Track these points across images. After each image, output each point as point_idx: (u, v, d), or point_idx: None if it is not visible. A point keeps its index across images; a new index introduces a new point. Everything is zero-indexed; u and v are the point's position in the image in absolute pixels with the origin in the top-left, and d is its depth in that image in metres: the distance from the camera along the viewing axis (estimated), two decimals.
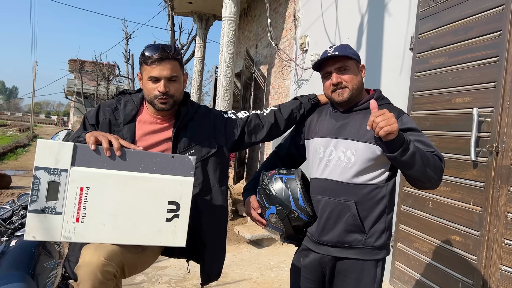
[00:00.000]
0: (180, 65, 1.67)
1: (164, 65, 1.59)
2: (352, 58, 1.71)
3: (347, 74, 1.70)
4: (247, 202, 1.84)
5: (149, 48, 1.61)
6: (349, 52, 1.71)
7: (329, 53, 1.70)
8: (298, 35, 5.69)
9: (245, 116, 1.88)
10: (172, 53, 1.61)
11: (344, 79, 1.69)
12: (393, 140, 1.46)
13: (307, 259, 1.79)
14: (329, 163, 1.72)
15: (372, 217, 1.68)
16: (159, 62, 1.58)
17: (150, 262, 1.67)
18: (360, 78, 1.74)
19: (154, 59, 1.58)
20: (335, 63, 1.70)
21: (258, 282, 3.74)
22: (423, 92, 3.21)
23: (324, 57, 1.71)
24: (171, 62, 1.60)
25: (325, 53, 1.73)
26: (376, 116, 1.45)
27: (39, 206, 1.31)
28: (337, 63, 1.70)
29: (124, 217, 1.40)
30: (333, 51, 1.70)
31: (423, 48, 3.24)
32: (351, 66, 1.71)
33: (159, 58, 1.58)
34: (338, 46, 1.74)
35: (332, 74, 1.71)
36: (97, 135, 1.41)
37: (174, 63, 1.62)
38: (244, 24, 8.92)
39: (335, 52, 1.69)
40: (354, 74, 1.71)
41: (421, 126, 3.11)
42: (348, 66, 1.71)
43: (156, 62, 1.58)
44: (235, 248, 4.79)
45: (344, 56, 1.69)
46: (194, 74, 9.40)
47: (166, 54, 1.59)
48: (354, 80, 1.71)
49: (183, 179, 1.46)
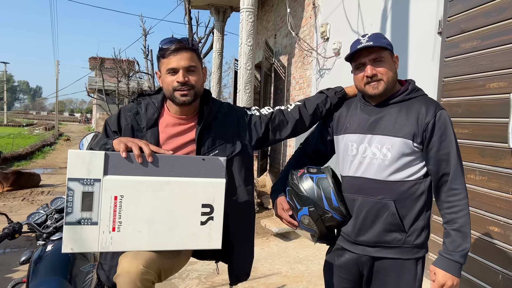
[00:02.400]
0: (198, 56, 1.63)
1: (182, 55, 1.57)
2: (387, 49, 1.63)
3: (382, 66, 1.62)
4: (277, 203, 1.79)
5: (165, 41, 1.60)
6: (384, 42, 1.63)
7: (362, 43, 1.62)
8: (319, 23, 5.57)
9: (269, 113, 1.82)
10: (188, 44, 1.58)
11: (379, 71, 1.62)
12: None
13: (342, 258, 1.75)
14: (364, 161, 1.66)
15: (412, 214, 1.62)
16: (175, 52, 1.56)
17: (183, 265, 1.67)
18: (394, 70, 1.66)
19: (170, 50, 1.56)
20: (369, 54, 1.62)
21: (288, 276, 3.72)
22: (454, 78, 3.08)
23: (358, 48, 1.62)
24: (188, 52, 1.58)
25: (357, 42, 1.64)
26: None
27: (75, 218, 1.31)
28: (372, 54, 1.61)
29: (160, 223, 1.39)
30: (367, 41, 1.61)
31: (452, 32, 3.10)
32: (386, 58, 1.64)
33: (176, 49, 1.56)
34: (371, 35, 1.64)
35: (366, 65, 1.63)
36: (126, 142, 1.39)
37: (192, 53, 1.59)
38: (261, 15, 8.81)
39: (369, 42, 1.60)
40: (389, 66, 1.63)
41: (453, 113, 2.99)
42: (383, 57, 1.63)
43: (173, 53, 1.56)
44: (262, 242, 4.78)
45: (379, 46, 1.61)
46: (213, 67, 9.36)
47: (183, 45, 1.57)
48: (389, 73, 1.63)
49: (215, 181, 1.44)
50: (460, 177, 1.56)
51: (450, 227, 1.56)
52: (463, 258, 1.53)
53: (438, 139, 1.57)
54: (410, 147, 1.58)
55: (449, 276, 1.52)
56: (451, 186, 1.56)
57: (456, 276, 1.53)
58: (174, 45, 1.57)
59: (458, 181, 1.56)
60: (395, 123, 1.61)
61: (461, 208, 1.54)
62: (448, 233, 1.57)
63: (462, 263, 1.53)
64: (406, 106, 1.64)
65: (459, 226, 1.54)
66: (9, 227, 1.81)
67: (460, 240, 1.53)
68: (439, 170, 1.58)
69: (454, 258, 1.53)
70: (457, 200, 1.55)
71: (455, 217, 1.55)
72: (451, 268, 1.53)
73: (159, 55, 1.61)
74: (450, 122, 1.60)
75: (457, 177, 1.56)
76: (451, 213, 1.56)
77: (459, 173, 1.56)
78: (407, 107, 1.63)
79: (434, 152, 1.58)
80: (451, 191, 1.56)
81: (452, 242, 1.54)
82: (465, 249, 1.53)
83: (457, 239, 1.54)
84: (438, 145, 1.57)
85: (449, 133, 1.57)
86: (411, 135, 1.58)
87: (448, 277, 1.53)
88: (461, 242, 1.53)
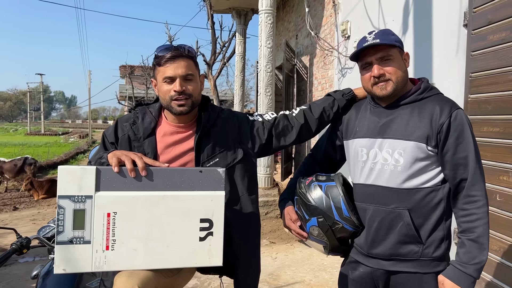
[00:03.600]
0: (195, 64, 1.57)
1: (178, 63, 1.50)
2: (395, 46, 1.51)
3: (390, 65, 1.50)
4: (284, 213, 1.70)
5: (160, 48, 1.53)
6: (392, 39, 1.50)
7: (369, 41, 1.49)
8: (339, 21, 5.42)
9: (272, 118, 1.73)
10: (185, 51, 1.52)
11: (387, 70, 1.49)
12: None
13: (356, 272, 1.63)
14: (374, 167, 1.54)
15: (429, 224, 1.48)
16: (172, 60, 1.50)
17: (186, 281, 1.60)
18: (404, 68, 1.53)
19: (167, 58, 1.50)
20: (376, 52, 1.50)
21: (312, 284, 3.60)
22: (482, 73, 2.88)
23: (363, 46, 1.50)
24: (185, 60, 1.51)
25: (363, 40, 1.52)
26: None
27: (67, 237, 1.26)
28: (379, 53, 1.49)
29: (156, 240, 1.33)
30: (373, 39, 1.49)
31: (479, 24, 2.90)
32: (395, 56, 1.51)
33: (172, 57, 1.50)
34: (378, 32, 1.52)
35: (373, 65, 1.51)
36: (119, 156, 1.33)
37: (189, 61, 1.53)
38: (282, 15, 8.71)
39: (376, 40, 1.48)
40: (398, 65, 1.51)
41: (482, 111, 2.80)
42: (392, 56, 1.50)
43: (169, 61, 1.50)
44: (286, 248, 4.67)
45: (386, 44, 1.48)
46: (236, 71, 9.34)
47: (179, 52, 1.51)
48: (399, 72, 1.50)
49: (214, 194, 1.36)
50: (479, 182, 1.41)
51: (465, 236, 1.41)
52: (477, 272, 1.38)
53: (454, 142, 1.43)
54: (424, 151, 1.45)
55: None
56: (468, 192, 1.41)
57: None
58: (170, 53, 1.50)
59: (476, 187, 1.41)
60: (407, 125, 1.49)
61: (479, 216, 1.39)
62: (463, 243, 1.42)
63: (475, 277, 1.38)
64: (418, 106, 1.50)
65: (476, 237, 1.39)
66: (17, 242, 1.80)
67: (476, 251, 1.38)
68: (456, 176, 1.44)
69: (468, 271, 1.38)
70: (475, 208, 1.40)
71: (472, 226, 1.40)
72: (462, 281, 1.38)
73: (154, 63, 1.55)
74: (468, 123, 1.45)
75: (476, 182, 1.41)
76: (467, 222, 1.41)
77: (478, 178, 1.41)
78: (420, 107, 1.50)
79: (450, 155, 1.44)
80: (468, 197, 1.42)
81: (466, 253, 1.40)
82: (481, 262, 1.38)
83: (473, 250, 1.39)
84: (454, 148, 1.43)
85: (466, 135, 1.43)
86: (425, 138, 1.44)
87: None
88: (477, 254, 1.38)
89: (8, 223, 6.82)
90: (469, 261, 1.38)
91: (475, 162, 1.41)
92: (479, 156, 1.44)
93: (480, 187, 1.41)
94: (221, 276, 1.76)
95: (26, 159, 10.75)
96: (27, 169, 10.51)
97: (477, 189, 1.41)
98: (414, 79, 1.62)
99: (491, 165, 2.74)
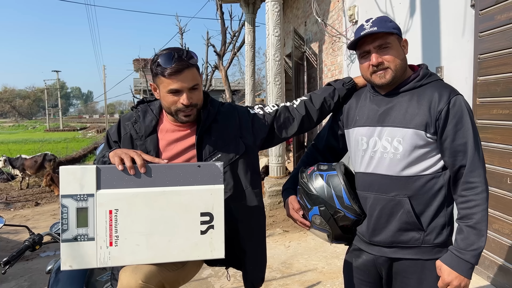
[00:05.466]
0: (198, 70, 1.55)
1: (185, 76, 1.47)
2: (393, 33, 1.49)
3: (388, 53, 1.48)
4: (287, 203, 1.72)
5: (163, 57, 1.48)
6: (390, 26, 1.49)
7: (366, 29, 1.48)
8: (346, 6, 5.34)
9: (274, 110, 1.73)
10: (188, 60, 1.49)
11: (385, 59, 1.48)
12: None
13: (359, 260, 1.64)
14: (374, 155, 1.54)
15: (430, 211, 1.48)
16: (178, 73, 1.46)
17: (193, 273, 1.63)
18: (403, 55, 1.52)
19: (172, 71, 1.46)
20: (374, 40, 1.48)
21: (324, 272, 3.63)
22: (490, 54, 2.82)
23: (361, 35, 1.49)
24: (190, 71, 1.49)
25: (361, 28, 1.51)
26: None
27: (71, 235, 1.31)
28: (377, 41, 1.48)
29: (158, 235, 1.36)
30: (370, 27, 1.47)
31: (486, 3, 2.82)
32: (393, 43, 1.49)
33: (178, 70, 1.46)
34: (375, 19, 1.50)
35: (371, 53, 1.50)
36: (120, 154, 1.36)
37: (193, 70, 1.50)
38: (291, 2, 8.62)
39: (373, 28, 1.46)
40: (396, 52, 1.49)
41: (491, 93, 2.74)
42: (390, 43, 1.48)
43: (175, 74, 1.46)
44: (299, 236, 4.70)
45: (384, 32, 1.47)
46: (246, 60, 9.30)
47: (184, 64, 1.46)
48: (397, 59, 1.49)
49: (213, 188, 1.39)
50: (478, 169, 1.40)
51: (463, 223, 1.41)
52: (475, 258, 1.38)
53: (453, 128, 1.41)
54: (423, 138, 1.44)
55: (456, 275, 1.38)
56: (467, 179, 1.40)
57: (465, 277, 1.38)
58: (175, 65, 1.45)
59: (475, 174, 1.40)
60: (405, 113, 1.48)
61: (478, 203, 1.39)
62: (461, 229, 1.41)
63: (473, 263, 1.38)
64: (417, 93, 1.49)
65: (474, 223, 1.38)
66: (29, 239, 1.87)
67: (474, 237, 1.38)
68: (455, 162, 1.43)
69: (465, 257, 1.38)
70: (473, 195, 1.39)
71: (470, 212, 1.39)
72: (459, 267, 1.38)
73: (157, 71, 1.49)
74: (468, 109, 1.43)
75: (474, 169, 1.40)
76: (465, 208, 1.41)
77: (476, 164, 1.40)
78: (419, 94, 1.49)
79: (449, 142, 1.42)
80: (466, 184, 1.41)
81: (464, 239, 1.39)
82: (479, 248, 1.37)
83: (471, 237, 1.38)
84: (453, 135, 1.42)
85: (465, 121, 1.41)
86: (423, 125, 1.43)
87: (455, 276, 1.38)
88: (475, 240, 1.37)
89: (30, 218, 7.03)
90: (466, 247, 1.38)
91: (473, 149, 1.40)
92: (478, 142, 1.43)
93: (479, 174, 1.40)
94: (227, 268, 1.79)
95: (46, 155, 11.00)
96: (47, 165, 10.76)
97: (476, 176, 1.40)
98: (413, 65, 1.60)
99: (501, 147, 2.70)
